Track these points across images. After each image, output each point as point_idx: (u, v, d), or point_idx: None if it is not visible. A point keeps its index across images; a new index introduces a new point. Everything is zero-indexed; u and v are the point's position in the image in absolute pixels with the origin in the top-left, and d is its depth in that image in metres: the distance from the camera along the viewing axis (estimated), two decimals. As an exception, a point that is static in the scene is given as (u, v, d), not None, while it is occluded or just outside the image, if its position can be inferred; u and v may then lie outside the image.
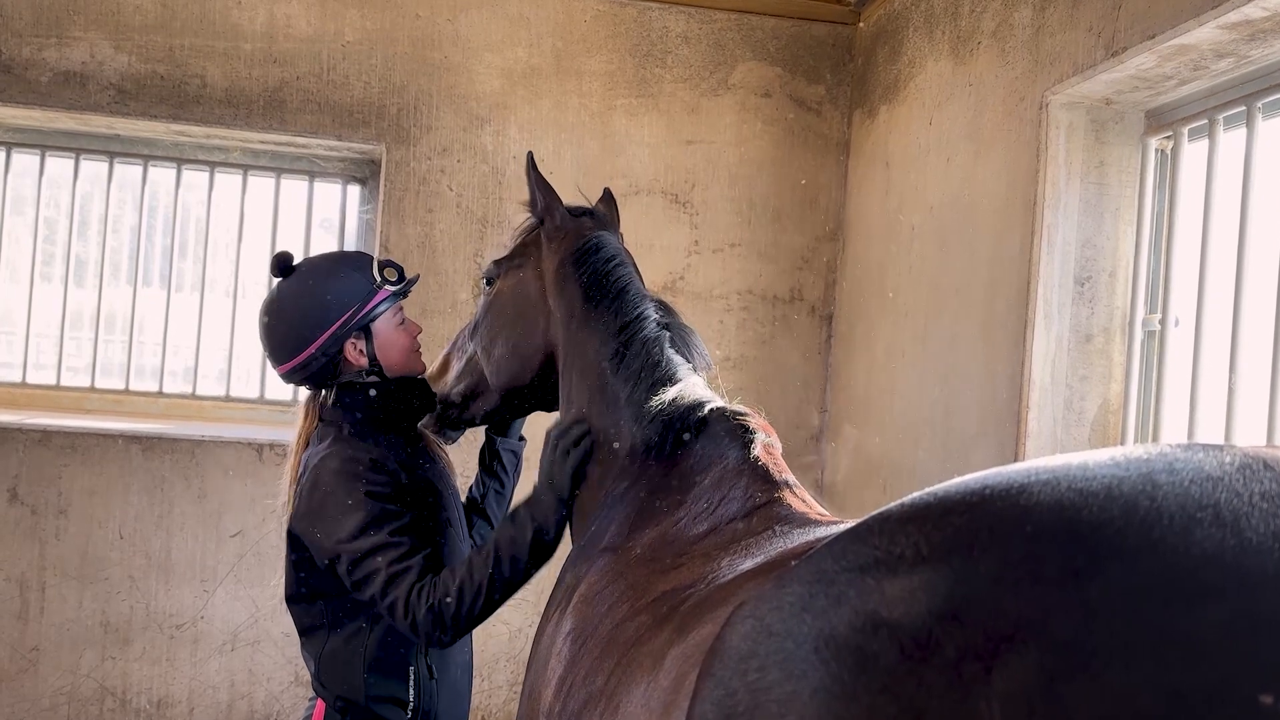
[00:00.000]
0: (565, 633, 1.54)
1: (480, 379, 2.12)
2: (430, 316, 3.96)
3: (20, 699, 3.85)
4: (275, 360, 2.15)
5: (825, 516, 1.52)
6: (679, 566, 1.46)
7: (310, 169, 4.34)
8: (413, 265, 3.89)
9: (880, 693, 0.69)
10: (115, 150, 4.25)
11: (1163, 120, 2.75)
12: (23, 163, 4.29)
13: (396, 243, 4.04)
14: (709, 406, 1.74)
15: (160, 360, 4.37)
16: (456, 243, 4.10)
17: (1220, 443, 0.78)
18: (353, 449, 2.04)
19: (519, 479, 2.45)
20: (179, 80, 3.95)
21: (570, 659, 1.47)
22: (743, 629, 0.83)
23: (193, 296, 4.42)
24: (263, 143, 4.20)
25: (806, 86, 4.34)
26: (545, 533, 1.86)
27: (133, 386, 4.33)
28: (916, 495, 0.80)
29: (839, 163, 4.35)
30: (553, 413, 2.10)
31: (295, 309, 2.10)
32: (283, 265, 2.14)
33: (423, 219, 4.08)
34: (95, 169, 4.30)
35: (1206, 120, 2.58)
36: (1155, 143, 2.80)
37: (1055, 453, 2.67)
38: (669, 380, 1.78)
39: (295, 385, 2.26)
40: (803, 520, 1.48)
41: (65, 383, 4.30)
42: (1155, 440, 2.75)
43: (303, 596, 2.09)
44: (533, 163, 2.09)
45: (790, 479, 1.63)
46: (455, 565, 1.91)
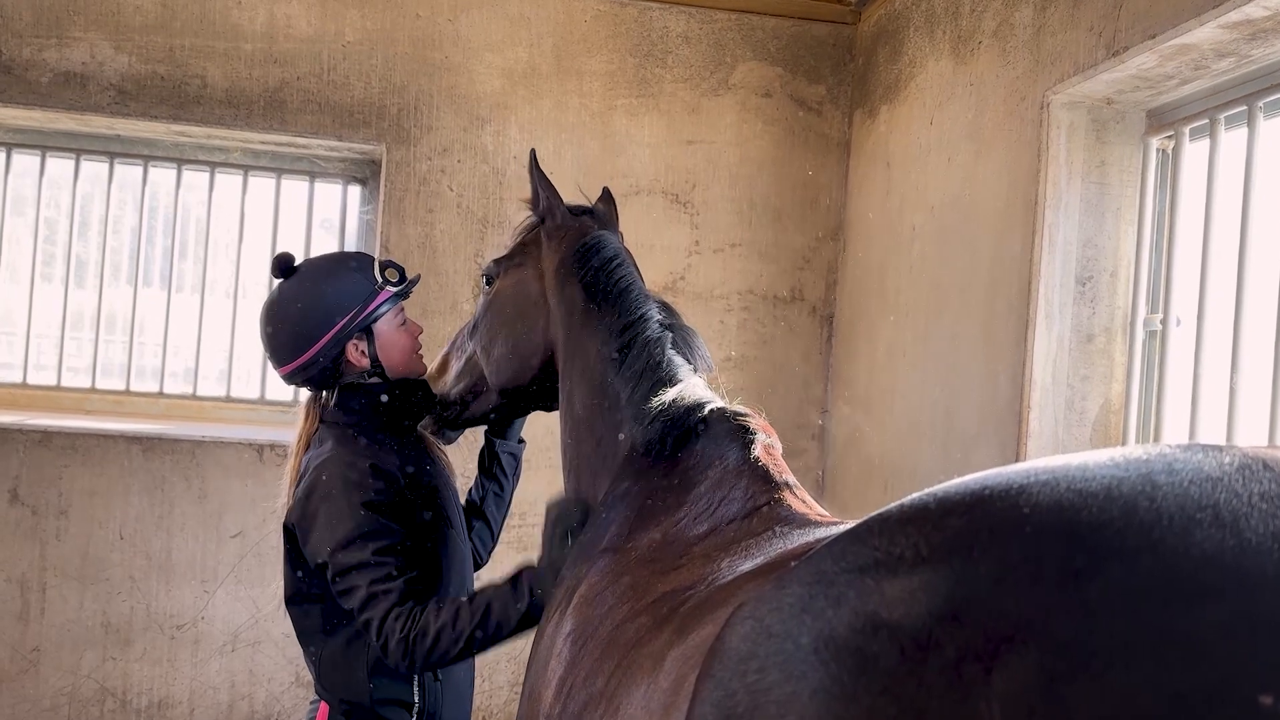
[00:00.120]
0: (565, 634, 1.54)
1: (480, 378, 2.12)
2: (431, 317, 3.96)
3: (21, 700, 3.85)
4: (277, 362, 2.14)
5: (825, 517, 1.51)
6: (679, 567, 1.46)
7: (311, 169, 4.34)
8: (413, 266, 3.89)
9: (880, 694, 0.69)
10: (116, 151, 4.25)
11: (1164, 120, 2.75)
12: (23, 163, 4.30)
13: (397, 243, 4.04)
14: (709, 407, 1.74)
15: (161, 361, 4.37)
16: (457, 243, 4.10)
17: (1220, 443, 0.78)
18: (353, 452, 2.03)
19: (518, 481, 2.45)
20: (179, 81, 3.95)
21: (570, 660, 1.47)
22: (742, 630, 0.83)
23: (193, 297, 4.42)
24: (263, 143, 4.20)
25: (807, 86, 4.34)
26: (538, 608, 1.84)
27: (133, 387, 4.34)
28: (916, 496, 0.80)
29: (840, 163, 4.35)
30: (552, 412, 2.10)
31: (297, 310, 2.09)
32: (284, 266, 2.14)
33: (423, 219, 4.08)
34: (95, 169, 4.30)
35: (1207, 120, 2.58)
36: (1156, 142, 2.80)
37: (1056, 453, 2.67)
38: (670, 381, 1.77)
39: (296, 386, 2.26)
40: (803, 521, 1.47)
41: (66, 383, 4.30)
42: (1157, 440, 2.75)
43: (301, 598, 2.09)
44: (535, 161, 2.09)
45: (790, 480, 1.63)
46: (443, 603, 1.88)
